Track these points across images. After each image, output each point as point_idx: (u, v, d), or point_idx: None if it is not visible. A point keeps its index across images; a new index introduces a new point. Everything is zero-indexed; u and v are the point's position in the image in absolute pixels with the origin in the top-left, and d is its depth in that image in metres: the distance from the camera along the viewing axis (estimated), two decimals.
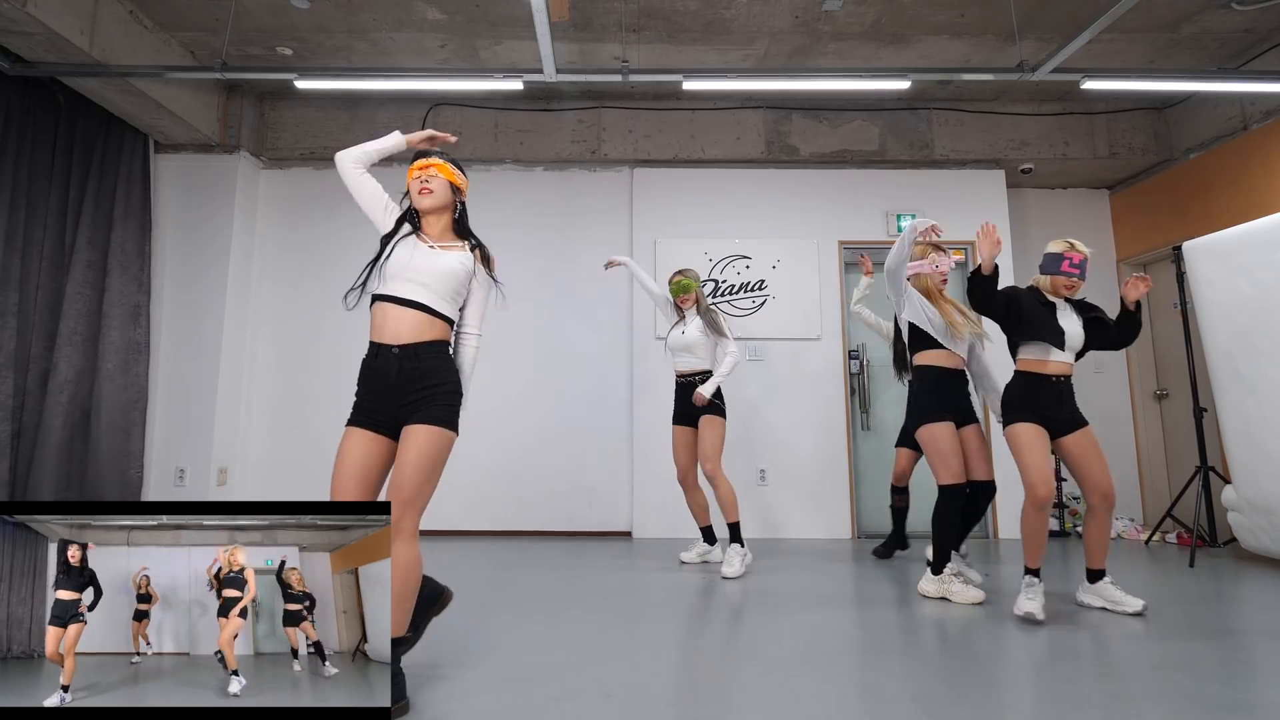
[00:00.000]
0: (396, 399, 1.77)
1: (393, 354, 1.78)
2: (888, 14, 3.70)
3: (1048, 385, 2.56)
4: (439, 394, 1.78)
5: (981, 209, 4.59)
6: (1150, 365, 4.89)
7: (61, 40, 3.21)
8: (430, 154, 1.94)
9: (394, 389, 1.77)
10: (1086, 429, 2.57)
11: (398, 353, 1.78)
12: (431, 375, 1.79)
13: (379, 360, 1.80)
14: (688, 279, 3.44)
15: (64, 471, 3.74)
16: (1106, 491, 2.54)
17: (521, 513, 4.40)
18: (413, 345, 1.79)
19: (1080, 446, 2.56)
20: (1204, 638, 2.33)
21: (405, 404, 1.77)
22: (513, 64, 4.20)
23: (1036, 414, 2.54)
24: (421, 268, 1.81)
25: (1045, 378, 2.56)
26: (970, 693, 1.87)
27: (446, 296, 1.84)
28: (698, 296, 3.47)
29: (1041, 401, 2.55)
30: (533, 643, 2.27)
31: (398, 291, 1.80)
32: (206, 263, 4.33)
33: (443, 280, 1.82)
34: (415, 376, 1.77)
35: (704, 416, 3.32)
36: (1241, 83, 3.72)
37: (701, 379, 3.36)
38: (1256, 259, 3.39)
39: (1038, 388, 2.56)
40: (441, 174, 1.90)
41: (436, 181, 1.89)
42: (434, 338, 1.82)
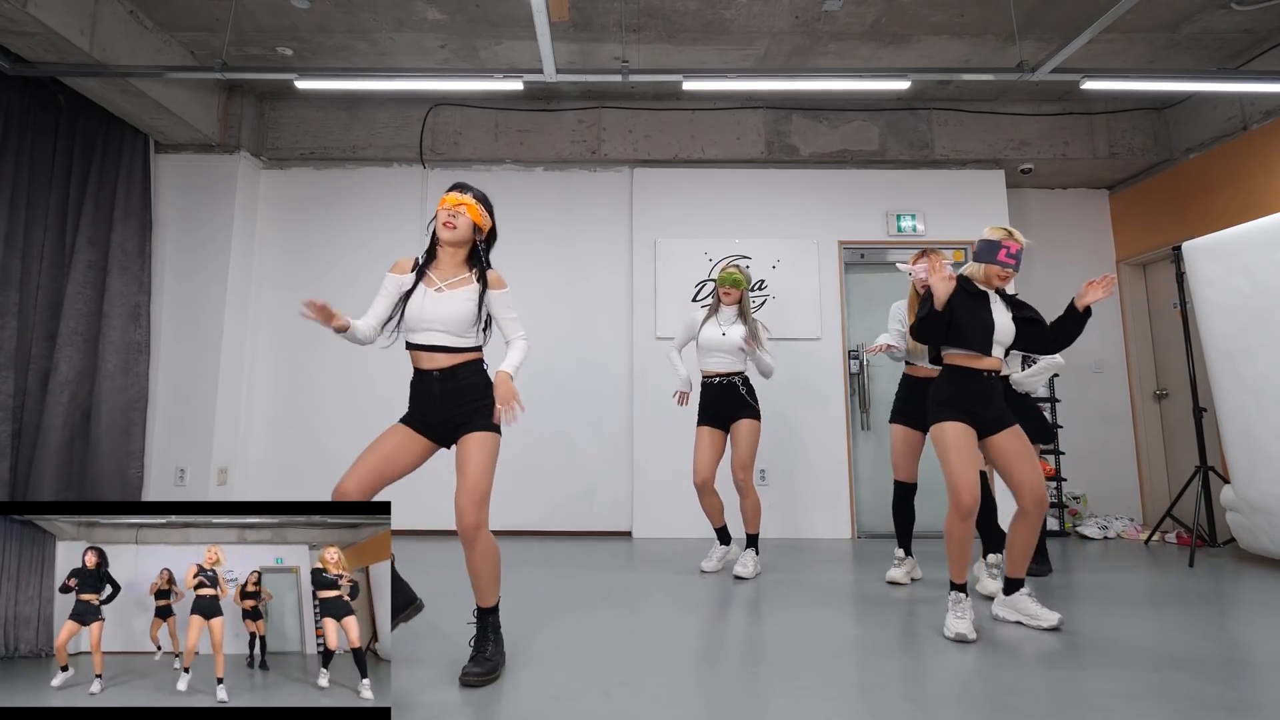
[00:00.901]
0: (441, 414, 2.01)
1: (433, 377, 2.01)
2: (888, 14, 3.70)
3: (978, 381, 2.39)
4: (482, 406, 2.01)
5: (981, 209, 4.59)
6: (1150, 365, 4.89)
7: (61, 40, 3.21)
8: (466, 190, 2.08)
9: (439, 405, 2.01)
10: (1015, 428, 2.41)
11: (438, 376, 2.01)
12: (472, 391, 2.02)
13: (423, 383, 2.03)
14: (741, 274, 3.28)
15: (64, 471, 3.74)
16: (1040, 495, 2.36)
17: (521, 513, 4.40)
18: (450, 368, 2.01)
19: (1010, 446, 2.38)
20: (1204, 638, 2.33)
21: (452, 418, 2.00)
22: (513, 64, 4.20)
23: (965, 411, 2.38)
24: (433, 316, 2.00)
25: (976, 373, 2.40)
26: (971, 692, 1.87)
27: (463, 332, 2.03)
28: (742, 296, 3.31)
29: (970, 398, 2.38)
30: (532, 642, 2.27)
31: (420, 340, 2.02)
32: (206, 262, 4.33)
33: (454, 322, 2.01)
34: (456, 393, 2.00)
35: (743, 420, 3.20)
36: (1241, 83, 3.72)
37: (739, 380, 3.25)
38: (1256, 259, 3.39)
39: (967, 383, 2.40)
40: (469, 214, 2.05)
41: (462, 219, 2.04)
42: (466, 360, 2.04)
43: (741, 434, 3.21)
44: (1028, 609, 2.43)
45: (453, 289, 2.02)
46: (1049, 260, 5.02)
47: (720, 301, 3.32)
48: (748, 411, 3.23)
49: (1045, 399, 4.62)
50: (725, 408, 3.26)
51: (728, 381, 3.27)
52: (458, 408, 1.99)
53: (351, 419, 4.45)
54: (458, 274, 2.06)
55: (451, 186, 2.09)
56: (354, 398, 4.49)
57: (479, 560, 1.95)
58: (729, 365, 3.27)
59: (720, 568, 3.37)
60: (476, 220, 2.06)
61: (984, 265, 2.45)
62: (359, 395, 4.48)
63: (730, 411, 3.25)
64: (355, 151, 4.59)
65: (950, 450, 2.34)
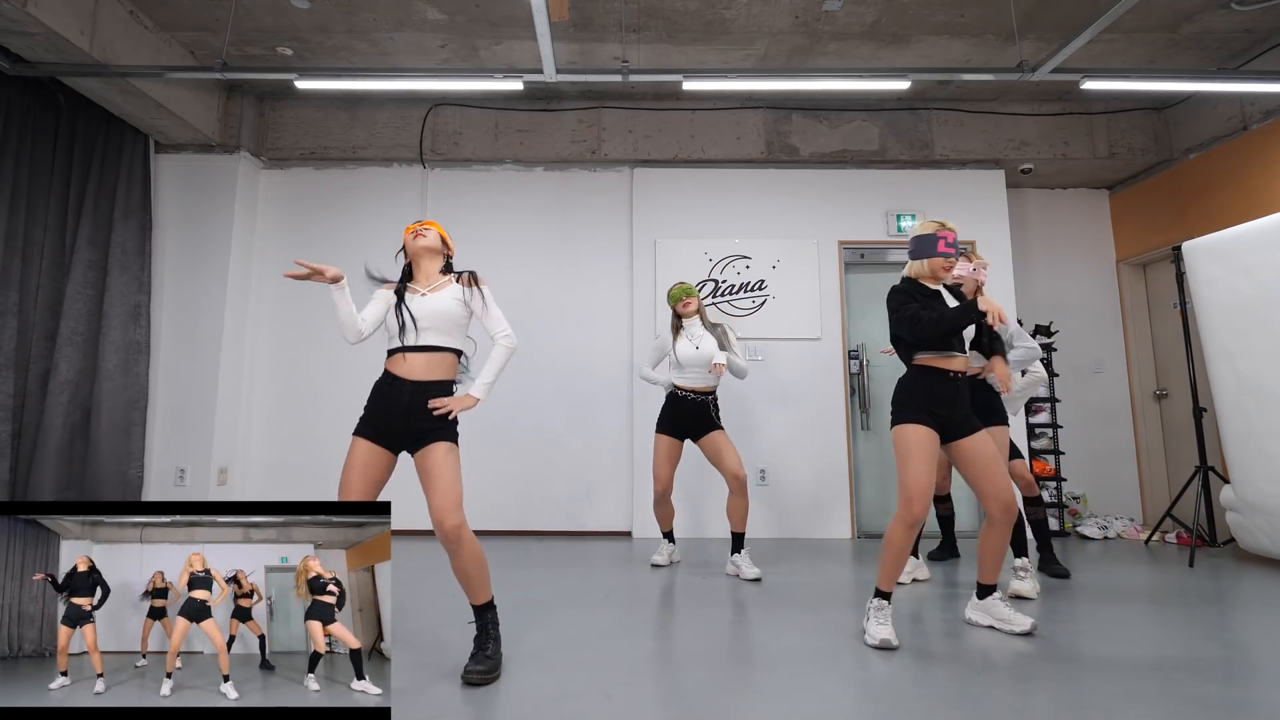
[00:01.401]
0: (404, 424, 2.03)
1: (406, 387, 2.05)
2: (888, 14, 3.70)
3: (945, 382, 2.31)
4: (446, 421, 2.05)
5: (981, 209, 4.59)
6: (1150, 365, 4.89)
7: (61, 40, 3.21)
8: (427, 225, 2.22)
9: (403, 415, 2.03)
10: (983, 433, 2.31)
11: (410, 387, 2.04)
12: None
13: (393, 389, 2.06)
14: (685, 284, 3.37)
15: (64, 471, 3.74)
16: (1008, 502, 2.28)
17: (521, 513, 4.40)
18: (424, 382, 2.05)
19: (977, 451, 2.28)
20: (1204, 638, 2.33)
21: (414, 430, 2.03)
22: (513, 64, 4.20)
23: (930, 414, 2.28)
24: (422, 314, 2.07)
25: (944, 374, 2.31)
26: (972, 692, 1.87)
27: (449, 331, 2.10)
28: (698, 304, 3.35)
29: (936, 400, 2.29)
30: (532, 643, 2.27)
31: (409, 340, 2.08)
32: (207, 262, 4.33)
33: (441, 319, 2.08)
34: (424, 411, 2.03)
35: (714, 433, 3.23)
36: (1241, 83, 3.72)
37: (711, 400, 3.28)
38: (1256, 259, 3.39)
39: (934, 385, 2.31)
40: (435, 229, 2.22)
41: (430, 232, 2.20)
42: (442, 377, 2.09)
43: (721, 444, 3.23)
44: (1000, 613, 2.40)
45: (436, 292, 2.13)
46: (1049, 260, 5.03)
47: (681, 318, 3.35)
48: (715, 425, 3.26)
49: (1045, 399, 4.63)
50: (692, 423, 3.28)
51: (701, 399, 3.28)
52: (423, 422, 2.03)
53: (351, 419, 4.40)
54: (438, 280, 2.17)
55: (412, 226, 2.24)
56: (354, 398, 4.45)
57: (466, 562, 1.98)
58: (704, 381, 3.29)
59: (670, 562, 3.49)
60: (443, 236, 2.22)
61: (926, 261, 2.38)
62: (359, 395, 4.42)
63: (696, 428, 3.28)
64: (355, 151, 4.59)
65: (910, 455, 2.25)
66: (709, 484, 4.24)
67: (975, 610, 2.49)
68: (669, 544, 3.52)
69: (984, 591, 2.45)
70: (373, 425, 2.06)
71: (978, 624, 2.46)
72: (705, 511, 4.30)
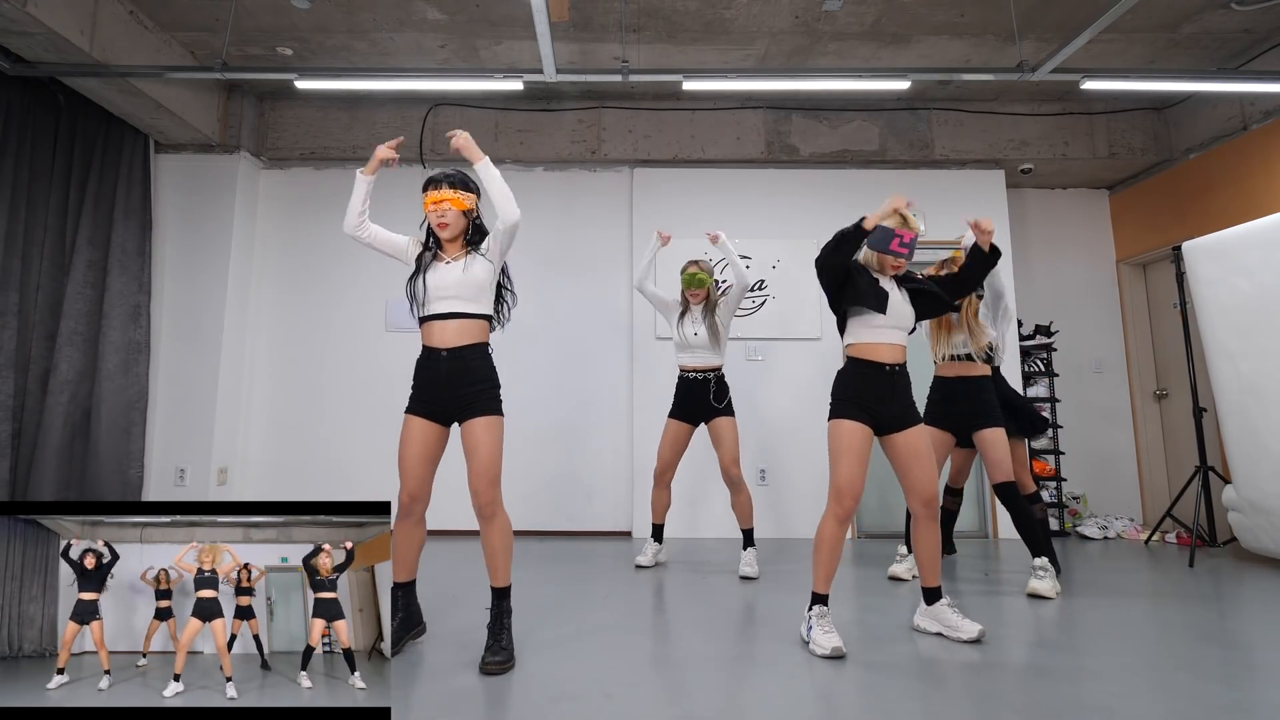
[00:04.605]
0: (448, 395, 2.11)
1: (442, 357, 2.12)
2: (888, 14, 3.70)
3: (880, 375, 2.30)
4: (485, 390, 2.13)
5: (981, 209, 4.58)
6: (1150, 365, 4.89)
7: (61, 40, 3.21)
8: (440, 184, 2.17)
9: (445, 385, 2.11)
10: (918, 428, 2.30)
11: (446, 355, 2.12)
12: (476, 374, 2.13)
13: (430, 362, 2.14)
14: (703, 273, 3.32)
15: (64, 471, 3.73)
16: (929, 498, 2.29)
17: (522, 512, 4.39)
18: (458, 348, 2.12)
19: (908, 446, 2.29)
20: (1204, 638, 2.33)
21: (457, 400, 2.11)
22: (513, 64, 4.20)
23: (864, 409, 2.27)
24: (449, 284, 2.13)
25: (879, 366, 2.30)
26: (972, 691, 1.87)
27: (478, 298, 2.16)
28: (709, 294, 3.36)
29: (871, 393, 2.28)
30: (533, 642, 2.27)
31: (437, 310, 2.14)
32: (207, 262, 4.33)
33: (469, 287, 2.13)
34: (462, 375, 2.11)
35: (720, 419, 3.26)
36: (1241, 83, 3.72)
37: (714, 377, 3.31)
38: (1256, 259, 3.39)
39: (869, 378, 2.30)
40: (453, 206, 2.16)
41: (451, 215, 2.16)
42: (475, 340, 2.15)
43: (723, 431, 3.26)
44: (948, 620, 2.32)
45: (459, 260, 2.17)
46: (1049, 260, 5.03)
47: (689, 303, 3.38)
48: (723, 410, 3.28)
49: (1045, 399, 4.63)
50: (699, 403, 3.31)
51: (703, 377, 3.33)
52: (465, 388, 2.10)
53: (352, 419, 4.45)
54: (463, 250, 2.21)
55: (426, 184, 2.19)
56: (354, 398, 4.49)
57: (497, 535, 2.09)
58: (705, 360, 3.34)
59: (654, 563, 3.45)
60: (461, 207, 2.17)
61: (877, 254, 2.36)
62: (359, 395, 4.48)
63: (704, 408, 3.30)
64: (355, 151, 4.59)
65: (841, 452, 2.26)
66: (707, 484, 4.24)
67: (923, 617, 2.42)
68: (655, 544, 3.48)
69: (930, 596, 2.38)
70: (421, 402, 2.14)
71: (925, 631, 2.39)
72: (702, 511, 4.30)
